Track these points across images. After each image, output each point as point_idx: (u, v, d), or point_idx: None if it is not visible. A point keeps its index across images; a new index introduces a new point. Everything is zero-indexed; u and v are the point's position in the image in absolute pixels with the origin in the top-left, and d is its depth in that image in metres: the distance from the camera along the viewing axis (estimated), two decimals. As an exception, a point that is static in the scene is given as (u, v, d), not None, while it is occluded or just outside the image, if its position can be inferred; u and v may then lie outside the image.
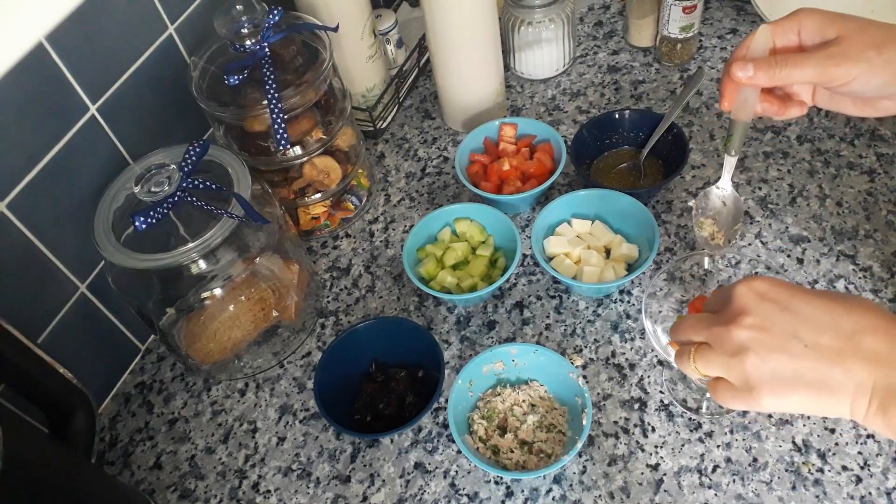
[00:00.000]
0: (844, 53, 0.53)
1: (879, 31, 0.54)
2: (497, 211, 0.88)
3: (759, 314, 0.45)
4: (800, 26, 0.56)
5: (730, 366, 0.46)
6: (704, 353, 0.48)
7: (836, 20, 0.55)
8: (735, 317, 0.46)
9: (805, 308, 0.45)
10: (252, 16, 0.80)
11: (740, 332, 0.46)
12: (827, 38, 0.54)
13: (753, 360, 0.45)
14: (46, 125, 0.72)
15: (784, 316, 0.45)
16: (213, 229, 0.70)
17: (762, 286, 0.47)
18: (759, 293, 0.46)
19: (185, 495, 0.77)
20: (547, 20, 1.02)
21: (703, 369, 0.49)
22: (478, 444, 0.73)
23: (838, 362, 0.43)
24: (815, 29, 0.55)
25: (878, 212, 0.86)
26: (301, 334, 0.87)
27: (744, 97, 0.59)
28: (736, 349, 0.46)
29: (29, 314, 0.74)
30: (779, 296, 0.46)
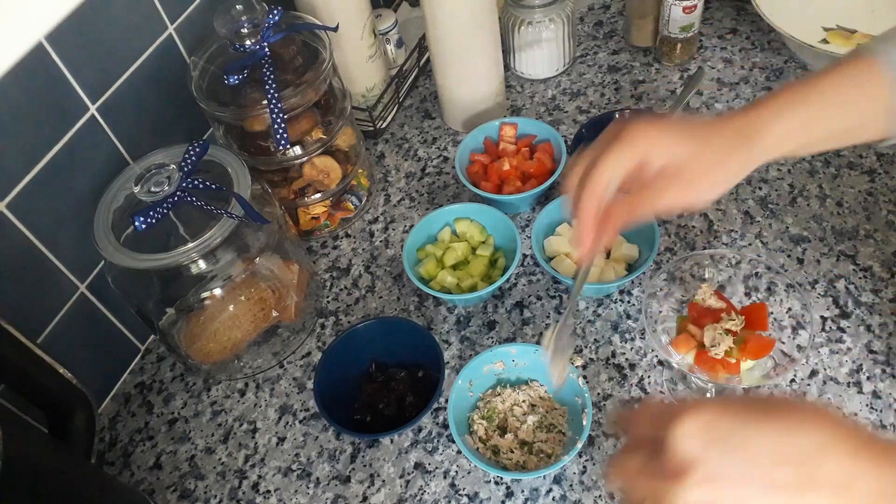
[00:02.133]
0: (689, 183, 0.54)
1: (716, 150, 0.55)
2: (497, 211, 0.88)
3: (706, 464, 0.39)
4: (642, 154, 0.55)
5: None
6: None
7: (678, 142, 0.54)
8: (681, 470, 0.39)
9: (755, 441, 0.39)
10: (252, 16, 0.80)
11: (690, 492, 0.39)
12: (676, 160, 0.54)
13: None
14: (46, 125, 0.72)
15: (734, 459, 0.39)
16: (212, 229, 0.70)
17: (702, 423, 0.40)
18: (702, 433, 0.40)
19: (185, 495, 0.77)
20: (547, 20, 1.02)
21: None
22: (478, 445, 0.73)
23: (802, 494, 0.38)
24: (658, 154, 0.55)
25: (879, 212, 0.86)
26: (301, 334, 0.87)
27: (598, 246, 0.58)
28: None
29: (28, 314, 0.74)
30: (723, 433, 0.39)
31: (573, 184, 0.57)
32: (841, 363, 0.75)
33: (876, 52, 0.56)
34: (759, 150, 0.55)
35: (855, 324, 0.77)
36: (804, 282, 0.81)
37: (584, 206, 0.55)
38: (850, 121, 0.57)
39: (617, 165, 0.54)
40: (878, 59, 0.55)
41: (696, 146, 0.54)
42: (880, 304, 0.78)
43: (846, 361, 0.75)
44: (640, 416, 0.45)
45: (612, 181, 0.54)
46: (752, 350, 0.71)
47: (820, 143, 0.58)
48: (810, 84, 0.56)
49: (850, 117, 0.57)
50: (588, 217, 0.55)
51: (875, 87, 0.55)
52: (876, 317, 0.77)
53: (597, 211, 0.55)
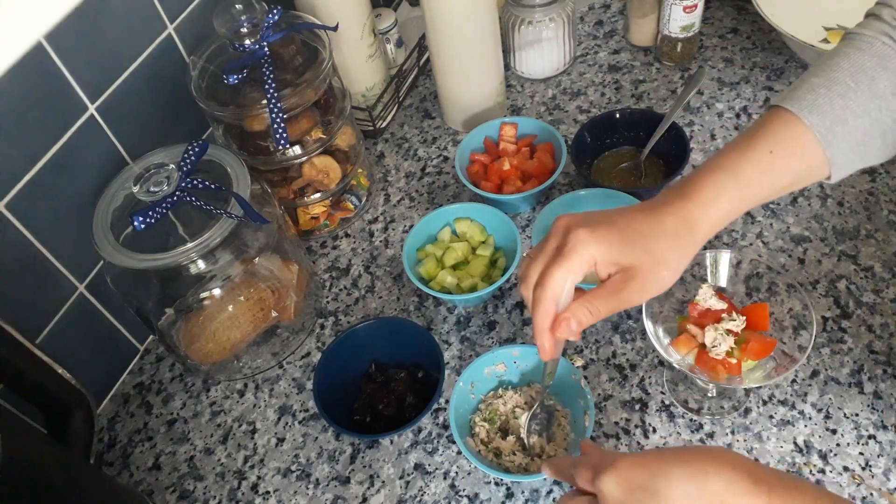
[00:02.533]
0: (639, 287, 0.56)
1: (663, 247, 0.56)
2: (497, 211, 0.87)
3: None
4: (593, 260, 0.57)
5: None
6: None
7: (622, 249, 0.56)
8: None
9: (671, 487, 0.46)
10: (251, 15, 0.80)
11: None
12: (621, 265, 0.56)
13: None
14: (45, 125, 0.71)
15: (655, 502, 0.46)
16: (212, 229, 0.70)
17: (625, 474, 0.48)
18: (623, 483, 0.48)
19: (184, 496, 0.77)
20: (547, 19, 1.02)
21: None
22: (479, 447, 0.72)
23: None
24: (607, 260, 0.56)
25: (880, 211, 0.86)
26: (300, 335, 0.87)
27: (558, 343, 0.61)
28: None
29: (28, 314, 0.74)
30: (642, 481, 0.47)
31: (528, 294, 0.59)
32: (842, 363, 0.75)
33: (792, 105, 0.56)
34: (700, 237, 0.57)
35: (856, 324, 0.77)
36: (805, 282, 0.81)
37: (539, 321, 0.57)
38: (787, 180, 0.58)
39: (566, 279, 0.56)
40: (800, 112, 0.56)
41: (641, 251, 0.56)
42: (881, 305, 0.78)
43: (847, 362, 0.75)
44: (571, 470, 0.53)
45: (564, 294, 0.57)
46: (754, 350, 0.70)
47: (761, 202, 0.59)
48: (739, 155, 0.57)
49: (786, 177, 0.57)
50: (544, 330, 0.57)
51: (805, 143, 0.56)
52: (877, 317, 0.77)
53: (551, 321, 0.57)
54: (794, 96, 0.57)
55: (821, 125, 0.55)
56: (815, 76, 0.57)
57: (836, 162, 0.57)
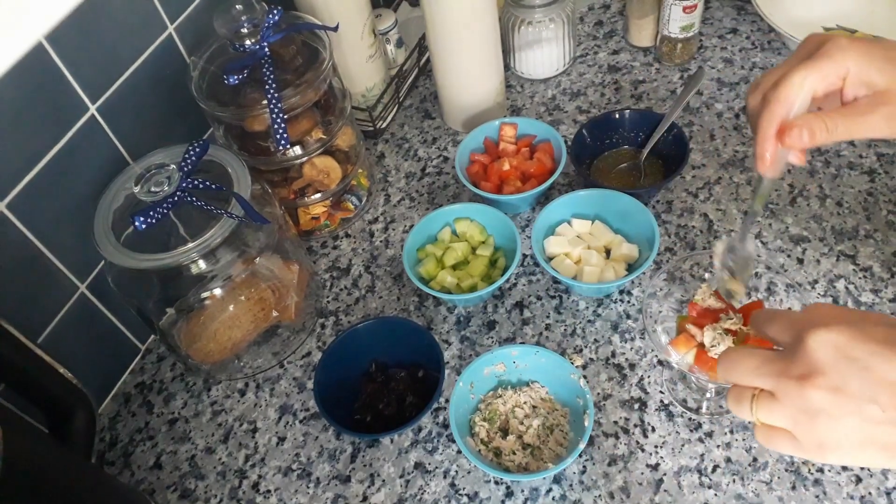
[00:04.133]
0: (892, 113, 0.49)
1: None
2: (497, 211, 0.88)
3: (836, 374, 0.41)
4: (845, 71, 0.50)
5: (798, 422, 0.43)
6: (770, 404, 0.44)
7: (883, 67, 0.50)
8: (809, 374, 0.42)
9: (885, 368, 0.41)
10: (252, 15, 0.80)
11: (814, 393, 0.42)
12: (875, 86, 0.50)
13: (826, 422, 0.42)
14: (46, 125, 0.72)
15: (862, 377, 0.41)
16: (212, 229, 0.70)
17: (840, 339, 0.42)
18: (838, 348, 0.42)
19: (186, 495, 0.77)
20: (547, 20, 1.02)
21: (764, 419, 0.45)
22: (479, 447, 0.73)
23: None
24: (860, 75, 0.50)
25: (879, 212, 0.86)
26: (301, 334, 0.87)
27: (781, 155, 0.54)
28: (807, 409, 0.42)
29: (29, 314, 0.74)
30: (858, 353, 0.41)
31: (756, 99, 0.52)
32: (841, 363, 0.75)
33: None
34: None
35: (855, 324, 0.77)
36: (804, 282, 0.81)
37: (765, 125, 0.51)
38: None
39: (810, 83, 0.50)
40: None
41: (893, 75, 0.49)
42: (880, 304, 0.78)
43: (846, 361, 0.75)
44: (779, 319, 0.46)
45: (802, 100, 0.50)
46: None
47: None
48: None
49: None
50: (768, 136, 0.51)
51: None
52: (876, 317, 0.77)
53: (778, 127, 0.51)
54: None
55: None
56: None
57: None
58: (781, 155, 0.53)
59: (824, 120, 0.50)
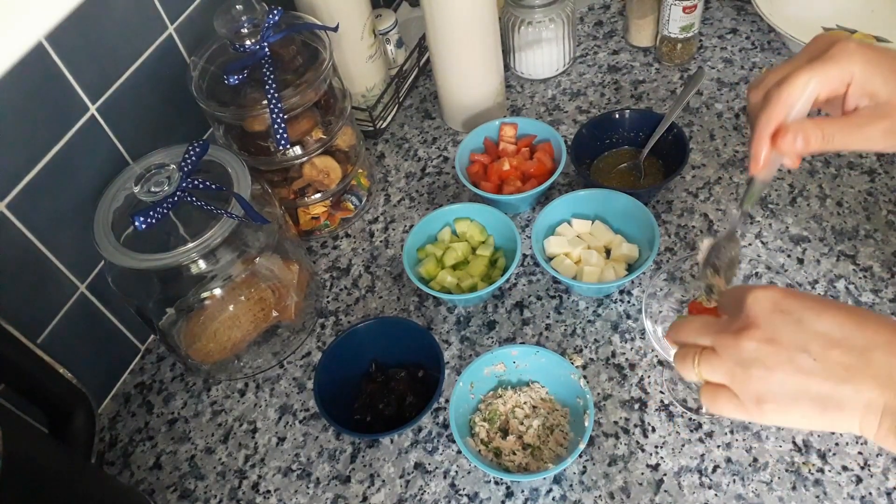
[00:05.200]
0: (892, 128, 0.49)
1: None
2: (497, 211, 0.88)
3: (770, 326, 0.44)
4: (850, 77, 0.50)
5: (734, 374, 0.45)
6: (709, 358, 0.47)
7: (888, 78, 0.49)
8: (745, 327, 0.45)
9: (817, 321, 0.43)
10: (252, 16, 0.80)
11: (748, 344, 0.44)
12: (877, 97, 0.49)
13: (760, 372, 0.44)
14: (46, 125, 0.72)
15: (795, 329, 0.43)
16: (212, 229, 0.70)
17: (775, 296, 0.45)
18: (772, 303, 0.44)
19: (185, 495, 0.77)
20: (547, 20, 1.02)
21: (706, 375, 0.48)
22: (480, 447, 0.73)
23: (847, 379, 0.42)
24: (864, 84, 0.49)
25: (879, 212, 0.86)
26: (301, 334, 0.87)
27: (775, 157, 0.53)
28: (743, 360, 0.45)
29: (29, 314, 0.74)
30: (791, 307, 0.44)
31: (757, 96, 0.52)
32: (841, 363, 0.75)
33: None
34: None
35: (855, 324, 0.77)
36: (804, 282, 0.81)
37: (762, 125, 0.50)
38: None
39: (813, 86, 0.49)
40: None
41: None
42: (880, 304, 0.78)
43: (846, 361, 0.75)
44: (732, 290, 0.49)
45: (803, 103, 0.50)
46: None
47: None
48: None
49: None
50: (763, 137, 0.51)
51: None
52: (876, 317, 0.77)
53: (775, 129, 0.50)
54: None
55: None
56: None
57: None
58: (775, 157, 0.53)
59: (821, 128, 0.49)
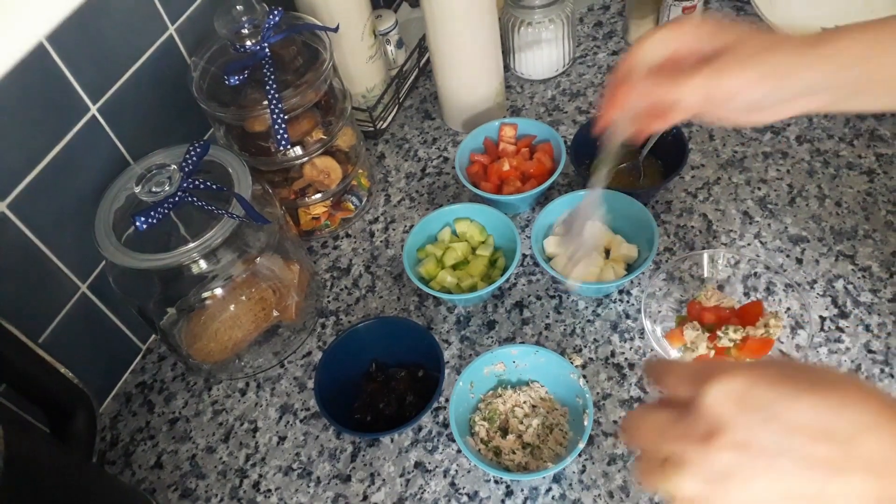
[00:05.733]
0: (733, 64, 0.51)
1: (765, 39, 0.52)
2: (497, 211, 0.88)
3: (740, 429, 0.37)
4: (691, 36, 0.53)
5: (710, 492, 0.38)
6: (678, 473, 0.39)
7: (726, 32, 0.53)
8: (711, 434, 0.37)
9: (792, 412, 0.37)
10: (252, 16, 0.80)
11: (720, 455, 0.37)
12: (715, 47, 0.52)
13: (739, 485, 0.37)
14: (47, 125, 0.72)
15: (769, 428, 0.37)
16: (213, 229, 0.70)
17: (738, 388, 0.38)
18: (737, 399, 0.37)
19: (186, 494, 0.78)
20: (547, 20, 1.03)
21: (677, 492, 0.39)
22: (479, 446, 0.73)
23: (836, 474, 0.36)
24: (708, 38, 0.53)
25: (878, 212, 0.86)
26: (301, 334, 0.87)
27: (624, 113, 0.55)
28: (716, 474, 0.38)
29: (30, 314, 0.74)
30: (760, 400, 0.37)
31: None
32: (840, 363, 0.75)
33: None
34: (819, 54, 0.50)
35: (854, 324, 0.77)
36: (803, 282, 0.82)
37: (610, 78, 0.54)
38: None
39: (654, 42, 0.53)
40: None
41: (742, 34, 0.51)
42: (879, 304, 0.78)
43: (845, 361, 0.75)
44: (674, 371, 0.42)
45: (646, 57, 0.53)
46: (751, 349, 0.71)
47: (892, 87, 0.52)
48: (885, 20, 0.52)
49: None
50: (610, 87, 0.53)
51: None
52: (875, 317, 0.78)
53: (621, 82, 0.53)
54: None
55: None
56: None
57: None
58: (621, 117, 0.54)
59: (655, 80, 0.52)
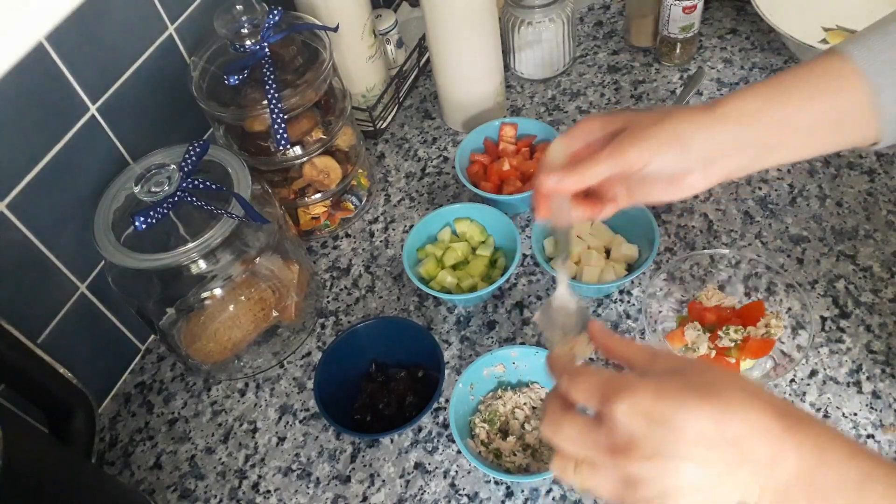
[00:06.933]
0: (630, 138, 0.55)
1: (659, 112, 0.56)
2: (497, 211, 0.88)
3: (649, 443, 0.42)
4: (588, 132, 0.58)
5: (621, 493, 0.44)
6: (592, 474, 0.45)
7: (618, 116, 0.57)
8: (624, 448, 0.43)
9: (691, 422, 0.42)
10: (252, 16, 0.80)
11: (630, 466, 0.43)
12: (614, 131, 0.57)
13: (646, 489, 0.43)
14: (46, 125, 0.72)
15: (673, 438, 0.42)
16: (213, 229, 0.70)
17: (644, 405, 0.43)
18: (645, 415, 0.42)
19: (185, 495, 0.77)
20: (547, 20, 1.02)
21: (591, 489, 0.46)
22: (480, 448, 0.73)
23: (730, 472, 0.42)
24: (601, 128, 0.57)
25: (878, 212, 0.86)
26: (301, 334, 0.87)
27: (558, 204, 0.59)
28: (627, 479, 0.44)
29: (29, 314, 0.74)
30: (664, 413, 0.42)
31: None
32: (840, 363, 0.75)
33: (847, 51, 0.54)
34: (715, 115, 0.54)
35: (854, 324, 0.77)
36: (804, 282, 0.81)
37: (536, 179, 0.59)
38: (829, 113, 0.55)
39: (554, 148, 0.58)
40: (852, 56, 0.54)
41: (631, 115, 0.56)
42: (880, 304, 0.78)
43: (846, 361, 0.75)
44: (582, 383, 0.46)
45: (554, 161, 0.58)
46: (752, 350, 0.71)
47: (800, 137, 0.56)
48: (779, 75, 0.56)
49: (828, 108, 0.54)
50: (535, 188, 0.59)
51: (854, 80, 0.53)
52: (876, 317, 0.77)
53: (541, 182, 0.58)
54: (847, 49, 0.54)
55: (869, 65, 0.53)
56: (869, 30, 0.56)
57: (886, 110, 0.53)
58: (557, 203, 0.59)
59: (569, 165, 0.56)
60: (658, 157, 0.55)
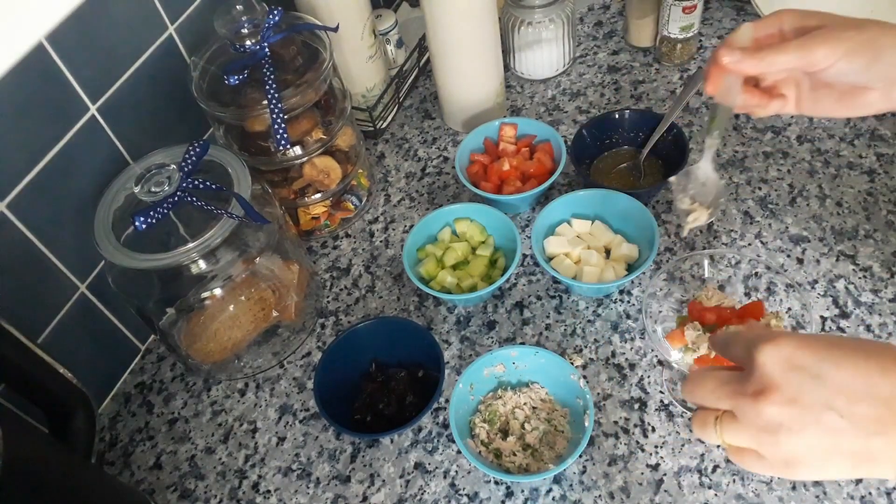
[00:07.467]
0: (825, 35, 0.54)
1: (861, 20, 0.55)
2: (497, 211, 0.88)
3: (789, 387, 0.42)
4: (781, 22, 0.57)
5: (761, 441, 0.44)
6: (731, 424, 0.45)
7: (816, 14, 0.56)
8: (762, 391, 0.43)
9: (837, 374, 0.41)
10: (252, 16, 0.80)
11: (770, 409, 0.42)
12: (808, 27, 0.56)
13: (787, 437, 0.42)
14: (46, 125, 0.72)
15: (815, 385, 0.41)
16: (213, 229, 0.70)
17: (787, 350, 0.42)
18: (785, 360, 0.42)
19: (185, 495, 0.77)
20: (547, 20, 1.02)
21: (729, 441, 0.45)
22: (480, 448, 0.73)
23: (879, 431, 0.40)
24: (795, 22, 0.57)
25: (878, 212, 0.86)
26: (301, 334, 0.87)
27: (728, 84, 0.59)
28: (767, 426, 0.43)
29: (29, 314, 0.74)
30: (806, 361, 0.42)
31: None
32: (841, 363, 0.75)
33: None
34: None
35: (854, 324, 0.77)
36: (804, 282, 0.81)
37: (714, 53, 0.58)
38: None
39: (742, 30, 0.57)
40: None
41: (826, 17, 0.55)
42: (880, 304, 0.78)
43: (846, 361, 0.75)
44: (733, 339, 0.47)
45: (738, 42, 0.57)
46: (753, 350, 0.70)
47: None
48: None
49: None
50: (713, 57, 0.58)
51: None
52: (875, 317, 0.77)
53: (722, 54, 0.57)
54: None
55: None
56: None
57: None
58: (728, 83, 0.59)
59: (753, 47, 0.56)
60: (845, 61, 0.53)
